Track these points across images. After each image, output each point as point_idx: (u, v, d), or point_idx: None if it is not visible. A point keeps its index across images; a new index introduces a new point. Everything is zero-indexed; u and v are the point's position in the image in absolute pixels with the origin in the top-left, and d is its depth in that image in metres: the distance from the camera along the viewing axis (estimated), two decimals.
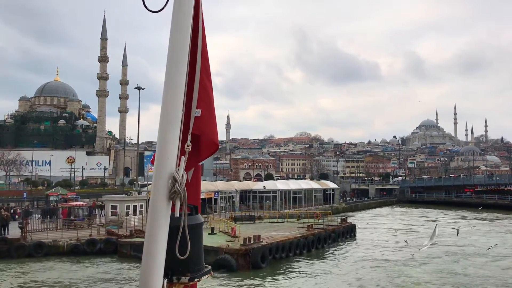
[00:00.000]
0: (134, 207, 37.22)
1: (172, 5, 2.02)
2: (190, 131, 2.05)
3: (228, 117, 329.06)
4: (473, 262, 30.30)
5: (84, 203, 42.64)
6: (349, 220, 44.37)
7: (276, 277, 25.83)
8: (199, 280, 2.00)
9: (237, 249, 26.88)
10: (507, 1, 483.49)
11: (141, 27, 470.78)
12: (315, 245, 33.75)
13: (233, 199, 53.22)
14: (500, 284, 24.29)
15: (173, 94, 1.93)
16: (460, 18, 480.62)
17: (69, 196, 48.52)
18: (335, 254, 33.32)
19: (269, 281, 24.83)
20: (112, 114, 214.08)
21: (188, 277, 1.96)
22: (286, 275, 26.48)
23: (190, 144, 1.99)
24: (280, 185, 59.84)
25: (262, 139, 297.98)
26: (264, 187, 57.02)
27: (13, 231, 31.71)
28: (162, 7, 2.06)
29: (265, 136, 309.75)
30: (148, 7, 2.07)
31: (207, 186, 49.38)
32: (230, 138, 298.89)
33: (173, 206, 1.91)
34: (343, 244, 37.17)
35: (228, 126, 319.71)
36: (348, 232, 40.33)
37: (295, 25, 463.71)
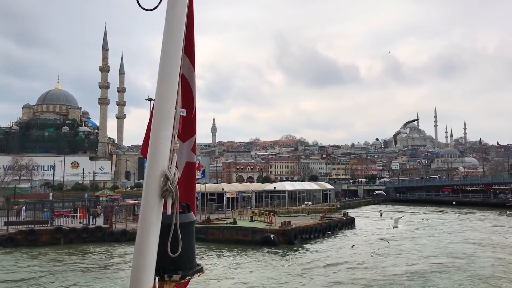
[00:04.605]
0: None
1: (165, 4, 2.07)
2: (177, 130, 2.08)
3: (214, 120, 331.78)
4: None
5: (139, 201, 51.92)
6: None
7: (306, 250, 35.91)
8: (190, 278, 2.04)
9: (277, 229, 36.93)
10: (480, 6, 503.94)
11: (121, 30, 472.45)
12: (327, 231, 43.96)
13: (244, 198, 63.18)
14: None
15: (166, 93, 1.96)
16: (435, 22, 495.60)
17: (115, 197, 57.97)
18: (343, 237, 43.59)
19: (302, 252, 34.87)
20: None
21: (180, 275, 1.98)
22: (312, 248, 36.58)
23: (178, 143, 2.05)
24: (288, 186, 70.09)
25: (248, 142, 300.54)
26: (275, 188, 67.20)
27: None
28: (156, 5, 2.12)
29: (251, 138, 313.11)
30: (142, 6, 2.12)
31: (231, 188, 59.65)
32: (217, 141, 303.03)
33: (166, 204, 1.96)
34: (347, 231, 47.61)
35: (214, 130, 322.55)
36: (349, 223, 50.55)
37: (274, 29, 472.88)
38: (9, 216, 41.73)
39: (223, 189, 57.08)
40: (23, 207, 46.43)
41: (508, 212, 54.05)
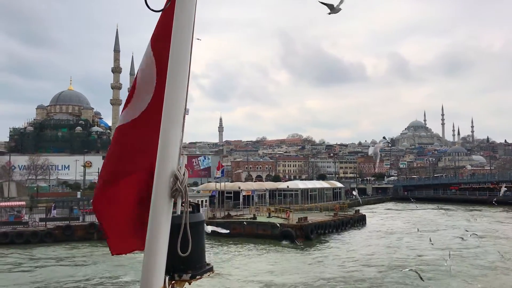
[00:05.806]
0: (201, 201, 49.52)
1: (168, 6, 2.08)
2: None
3: (220, 119, 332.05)
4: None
5: None
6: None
7: (322, 244, 38.66)
8: (200, 278, 2.06)
9: (295, 224, 39.68)
10: (483, 5, 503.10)
11: (129, 30, 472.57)
12: (341, 226, 46.62)
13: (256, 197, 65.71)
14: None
15: (175, 94, 1.98)
16: (439, 21, 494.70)
17: None
18: (355, 232, 46.25)
19: (319, 246, 37.57)
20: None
21: (190, 275, 2.01)
22: (328, 242, 39.37)
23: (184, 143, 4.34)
24: (300, 184, 72.66)
25: (255, 140, 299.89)
26: (288, 186, 69.77)
27: None
28: (164, 7, 2.14)
29: (257, 137, 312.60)
30: (150, 7, 2.10)
31: (247, 186, 62.44)
32: (223, 140, 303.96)
33: (175, 204, 1.98)
34: (359, 227, 50.26)
35: (221, 129, 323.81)
36: (360, 220, 53.11)
37: (279, 28, 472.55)
38: (40, 213, 44.75)
39: (239, 188, 60.07)
40: (53, 205, 49.27)
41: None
